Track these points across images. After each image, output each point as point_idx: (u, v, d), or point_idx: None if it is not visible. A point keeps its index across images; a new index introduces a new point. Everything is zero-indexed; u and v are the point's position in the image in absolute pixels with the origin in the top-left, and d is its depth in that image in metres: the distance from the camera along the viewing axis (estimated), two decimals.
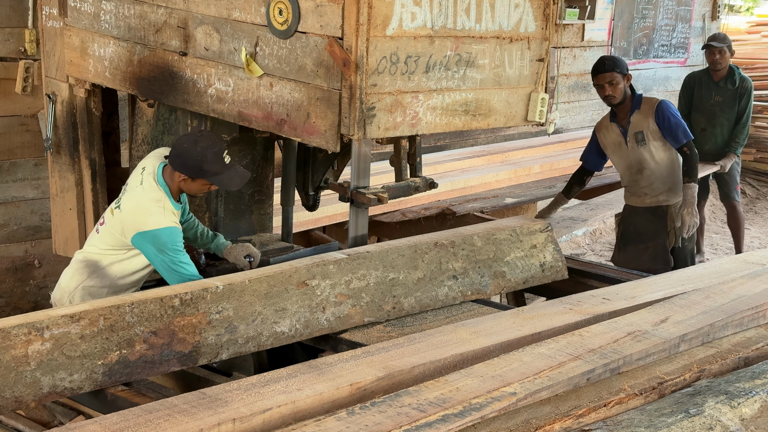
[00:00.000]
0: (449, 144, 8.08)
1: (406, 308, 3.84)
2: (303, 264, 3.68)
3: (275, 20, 3.63)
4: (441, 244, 4.06)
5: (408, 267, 3.92)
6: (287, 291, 3.58)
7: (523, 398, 2.90)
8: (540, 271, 4.35)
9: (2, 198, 5.64)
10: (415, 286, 3.90)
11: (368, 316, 3.74)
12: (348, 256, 3.78)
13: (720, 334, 3.62)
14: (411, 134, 3.73)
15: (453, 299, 4.00)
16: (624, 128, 5.56)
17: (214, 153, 3.79)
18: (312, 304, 3.62)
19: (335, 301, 3.68)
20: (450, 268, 4.04)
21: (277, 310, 3.53)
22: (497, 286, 4.16)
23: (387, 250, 3.90)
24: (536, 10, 3.84)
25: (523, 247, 4.32)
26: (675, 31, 10.14)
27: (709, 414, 2.86)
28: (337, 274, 3.72)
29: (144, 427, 2.64)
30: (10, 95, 5.51)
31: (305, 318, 3.59)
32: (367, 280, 3.78)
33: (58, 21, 4.72)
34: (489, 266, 4.16)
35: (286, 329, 3.54)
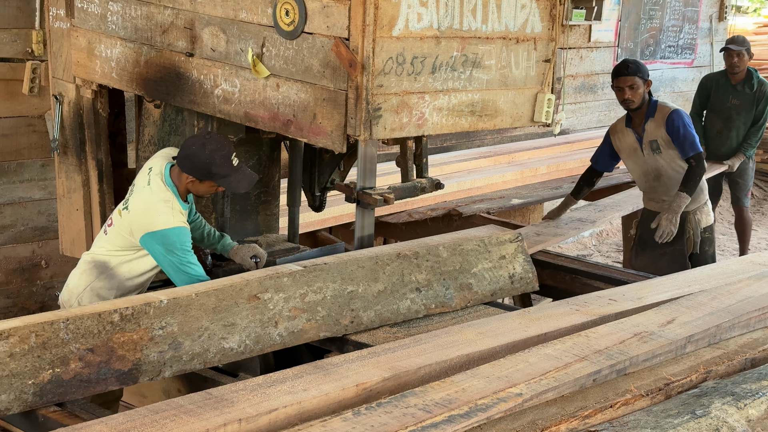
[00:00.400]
0: (455, 145, 8.07)
1: (365, 322, 3.70)
2: (255, 277, 3.56)
3: (282, 21, 3.63)
4: (404, 255, 3.91)
5: (368, 279, 3.76)
6: (237, 305, 3.44)
7: (529, 399, 2.90)
8: (509, 283, 4.18)
9: (9, 198, 5.65)
10: (375, 299, 3.75)
11: (324, 330, 3.61)
12: (304, 268, 3.65)
13: (727, 336, 3.62)
14: (417, 135, 3.73)
15: (416, 312, 3.84)
16: (639, 135, 5.53)
17: (222, 155, 3.80)
18: (264, 318, 3.48)
19: (289, 315, 3.54)
20: (413, 280, 3.88)
21: (226, 326, 3.39)
22: (463, 299, 3.99)
23: (346, 262, 3.76)
24: (543, 11, 3.83)
25: (492, 257, 4.16)
26: (682, 32, 10.12)
27: (716, 415, 2.85)
28: (292, 287, 3.58)
29: (150, 427, 2.64)
30: (17, 96, 5.52)
31: (256, 333, 3.45)
32: (324, 293, 3.64)
33: (65, 22, 4.73)
34: (455, 278, 4.00)
35: (235, 345, 3.40)
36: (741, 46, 7.55)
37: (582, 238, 9.33)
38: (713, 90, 7.76)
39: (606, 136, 5.78)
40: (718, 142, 7.72)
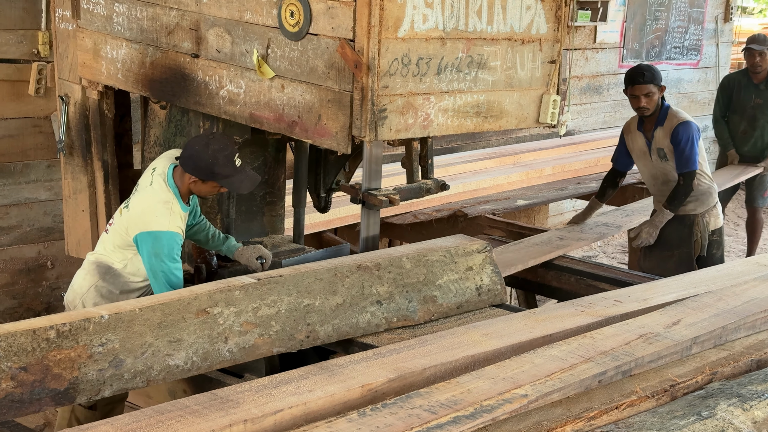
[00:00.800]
0: (461, 146, 8.07)
1: (321, 337, 3.57)
2: (204, 290, 3.41)
3: (287, 22, 3.63)
4: (365, 266, 3.76)
5: (326, 292, 3.62)
6: (184, 320, 3.30)
7: (535, 400, 2.90)
8: (476, 295, 4.00)
9: (15, 199, 5.67)
10: (333, 313, 3.61)
11: (278, 346, 3.48)
12: (257, 281, 3.51)
13: (732, 337, 3.61)
14: (422, 136, 3.73)
15: (376, 326, 3.70)
16: (649, 140, 5.54)
17: (225, 156, 3.80)
18: (213, 334, 3.34)
19: (240, 330, 3.40)
20: (374, 292, 3.73)
21: (171, 342, 3.25)
22: (427, 312, 3.83)
23: (303, 274, 3.62)
24: (548, 12, 3.83)
25: (458, 269, 3.99)
26: (687, 33, 10.11)
27: (722, 417, 2.85)
28: (244, 300, 3.44)
29: (156, 427, 2.65)
30: (23, 97, 5.54)
31: (204, 350, 3.31)
32: (278, 307, 3.50)
33: (71, 23, 4.74)
34: (418, 290, 3.84)
35: (181, 362, 3.26)
36: (762, 45, 7.54)
37: None
38: (735, 90, 7.75)
39: (621, 135, 5.79)
40: (742, 142, 7.73)
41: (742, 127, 7.75)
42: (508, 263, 4.40)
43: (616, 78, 9.40)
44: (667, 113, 5.48)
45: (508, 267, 4.28)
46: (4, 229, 5.67)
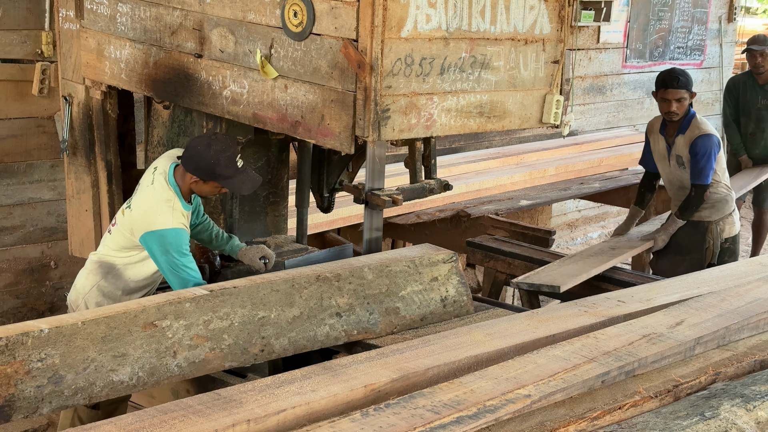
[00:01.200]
0: (464, 146, 8.07)
1: (277, 351, 3.47)
2: (153, 302, 3.30)
3: (290, 22, 3.63)
4: (324, 277, 3.65)
5: (282, 304, 3.51)
6: (131, 333, 3.18)
7: (538, 400, 2.90)
8: (441, 307, 3.88)
9: (19, 199, 5.67)
10: (290, 326, 3.50)
11: (230, 360, 3.37)
12: (210, 293, 3.40)
13: (736, 337, 3.61)
14: (425, 136, 3.73)
15: (335, 339, 3.60)
16: (669, 145, 5.52)
17: (227, 157, 3.80)
18: (160, 348, 3.22)
19: (190, 344, 3.28)
20: (333, 304, 3.62)
21: (116, 356, 3.13)
22: (389, 324, 3.72)
23: (258, 285, 3.51)
24: (551, 12, 3.83)
25: (422, 279, 3.86)
26: (691, 33, 10.10)
27: (725, 417, 2.85)
28: (195, 313, 3.33)
29: (159, 427, 2.65)
30: (27, 97, 5.54)
31: (151, 364, 3.19)
32: (231, 320, 3.39)
33: (74, 23, 4.75)
34: (380, 302, 3.72)
35: (126, 378, 3.14)
36: (763, 45, 7.49)
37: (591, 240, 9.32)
38: (741, 92, 7.71)
39: (645, 137, 5.77)
40: (752, 144, 7.69)
41: (750, 129, 7.69)
42: (571, 274, 4.33)
43: (620, 78, 9.40)
44: (691, 122, 5.42)
45: (571, 278, 4.22)
46: (8, 229, 5.68)
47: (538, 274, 4.03)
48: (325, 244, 5.81)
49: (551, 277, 4.03)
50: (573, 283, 4.09)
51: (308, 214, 4.78)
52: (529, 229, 6.27)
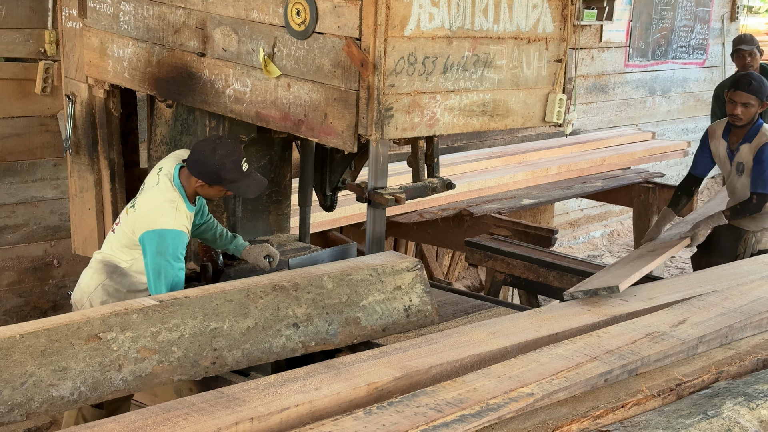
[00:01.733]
0: (466, 145, 8.08)
1: (229, 363, 3.35)
2: (97, 314, 3.17)
3: (293, 21, 3.64)
4: (281, 286, 3.52)
5: (236, 315, 3.38)
6: (73, 346, 3.05)
7: (541, 399, 2.90)
8: (404, 317, 3.75)
9: (22, 198, 5.68)
10: (243, 337, 3.38)
11: (179, 374, 3.23)
12: (159, 303, 3.27)
13: (738, 336, 3.61)
14: (428, 135, 3.73)
15: (292, 351, 3.48)
16: (732, 152, 5.44)
17: (232, 161, 3.80)
18: (104, 361, 3.08)
19: (136, 357, 3.14)
20: (290, 314, 3.49)
21: (57, 371, 2.99)
22: (349, 335, 3.60)
23: (211, 295, 3.38)
24: (554, 11, 3.83)
25: (385, 288, 3.73)
26: (693, 32, 10.10)
27: (728, 416, 2.85)
28: (142, 324, 3.19)
29: (162, 425, 2.65)
30: (30, 96, 5.55)
31: (94, 379, 3.05)
32: (181, 331, 3.25)
33: (77, 22, 4.75)
34: (340, 312, 3.60)
35: (67, 393, 3.00)
36: (751, 44, 7.22)
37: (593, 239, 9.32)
38: None
39: (704, 139, 5.63)
40: None
41: None
42: (624, 275, 4.19)
43: (622, 77, 9.40)
44: (758, 131, 5.33)
45: (625, 278, 4.09)
46: (11, 228, 5.69)
47: (590, 281, 3.89)
48: (328, 242, 5.82)
49: (605, 281, 3.97)
50: (629, 282, 3.97)
51: (311, 213, 4.78)
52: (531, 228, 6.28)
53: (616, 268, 4.54)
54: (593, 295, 3.90)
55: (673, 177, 9.98)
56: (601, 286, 3.96)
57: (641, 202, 7.72)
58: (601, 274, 4.35)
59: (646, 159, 8.59)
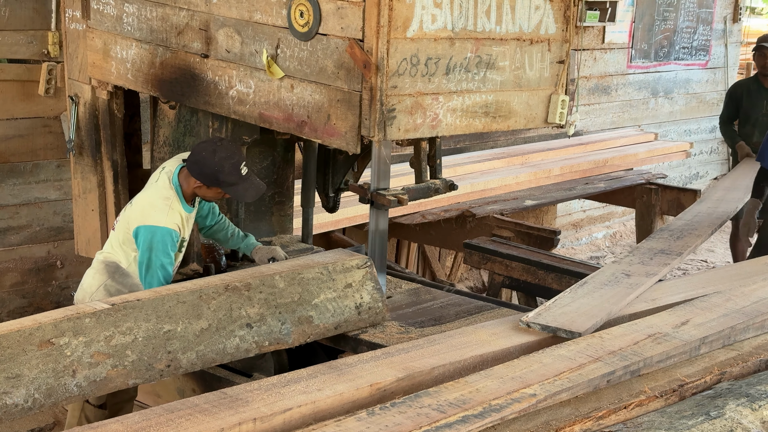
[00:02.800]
0: (469, 146, 8.08)
1: (184, 365, 3.33)
2: (49, 318, 3.15)
3: (296, 22, 3.64)
4: (233, 287, 3.53)
5: (189, 316, 3.37)
6: (25, 353, 3.00)
7: (543, 400, 2.90)
8: (356, 314, 3.78)
9: (25, 199, 5.68)
10: (197, 339, 3.36)
11: (134, 378, 3.21)
12: (111, 307, 3.25)
13: (741, 337, 3.61)
14: (431, 136, 3.73)
15: (246, 351, 3.49)
16: None
17: (231, 164, 3.82)
18: (58, 367, 3.05)
19: (90, 362, 3.11)
20: (243, 315, 3.50)
21: (9, 378, 2.95)
22: (302, 334, 3.63)
23: (163, 297, 3.36)
24: (557, 12, 3.84)
25: (336, 286, 3.76)
26: (696, 33, 10.10)
27: (730, 416, 2.85)
28: (95, 329, 3.16)
29: (165, 426, 2.66)
30: (33, 97, 5.56)
31: (48, 385, 3.02)
32: (135, 335, 3.23)
33: (80, 23, 4.76)
34: (292, 311, 3.61)
35: (21, 400, 2.96)
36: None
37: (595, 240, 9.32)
38: (744, 98, 7.20)
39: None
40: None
41: (754, 138, 7.14)
42: (589, 314, 3.66)
43: (625, 78, 9.40)
44: None
45: (590, 318, 3.58)
46: (14, 229, 5.69)
47: (551, 310, 3.67)
48: (331, 244, 5.82)
49: (568, 318, 3.56)
50: (594, 326, 3.53)
51: (314, 214, 4.78)
52: (534, 229, 6.27)
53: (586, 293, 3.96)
54: (552, 332, 3.50)
55: (675, 178, 9.98)
56: (561, 327, 3.49)
57: (644, 203, 7.72)
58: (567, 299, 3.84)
59: (648, 160, 8.59)
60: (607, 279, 4.11)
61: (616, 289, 3.97)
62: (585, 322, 3.52)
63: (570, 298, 3.81)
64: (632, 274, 4.24)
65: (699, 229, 5.31)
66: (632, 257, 4.59)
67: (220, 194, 3.93)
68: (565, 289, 3.91)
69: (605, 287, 3.96)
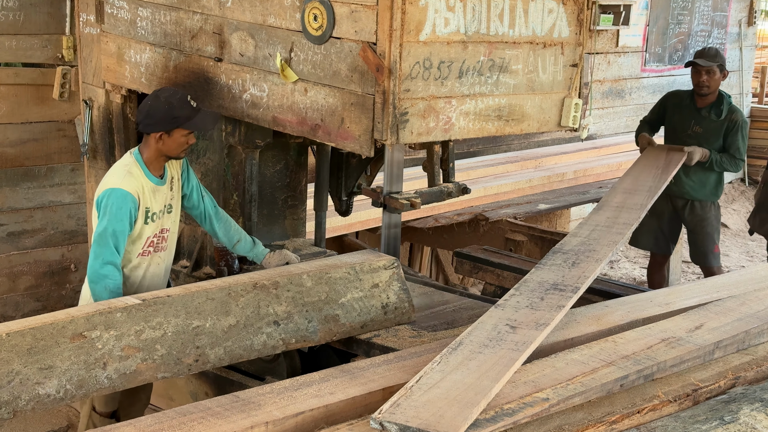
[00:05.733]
0: (482, 149, 8.08)
1: (212, 360, 3.39)
2: (82, 312, 3.21)
3: (310, 26, 3.65)
4: (262, 285, 3.57)
5: (218, 313, 3.43)
6: (58, 345, 3.08)
7: (556, 404, 2.90)
8: (382, 314, 3.81)
9: (39, 203, 5.71)
10: (225, 335, 3.42)
11: (163, 371, 3.28)
12: (142, 302, 3.31)
13: (755, 341, 3.59)
14: (444, 139, 3.73)
15: (273, 348, 3.53)
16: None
17: (178, 98, 3.80)
18: (89, 359, 3.13)
19: (120, 355, 3.19)
20: (271, 312, 3.54)
21: (42, 369, 3.04)
22: (328, 332, 3.65)
23: (193, 294, 3.42)
24: (570, 16, 3.83)
25: (363, 286, 3.79)
26: (711, 36, 10.06)
27: (744, 421, 2.84)
28: (126, 323, 3.24)
29: (178, 429, 2.67)
30: (48, 101, 5.58)
31: (79, 377, 3.10)
32: (164, 330, 3.30)
33: (95, 28, 4.78)
34: (319, 309, 3.66)
35: (53, 391, 3.05)
36: (712, 61, 5.86)
37: None
38: (673, 110, 6.08)
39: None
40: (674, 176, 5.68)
41: None
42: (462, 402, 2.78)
43: (639, 82, 9.37)
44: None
45: (463, 408, 2.73)
46: (29, 232, 5.72)
47: (413, 397, 2.79)
48: (344, 247, 5.82)
49: (434, 411, 2.71)
50: (470, 421, 2.70)
51: (327, 218, 4.79)
52: (547, 233, 6.27)
53: (457, 364, 3.08)
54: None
55: None
56: (424, 429, 2.61)
57: None
58: (436, 374, 2.98)
59: None
60: (488, 336, 3.30)
61: (497, 353, 3.16)
62: (456, 417, 2.69)
63: (439, 374, 2.98)
64: (518, 326, 3.40)
65: (597, 249, 4.32)
66: (520, 297, 3.70)
67: (184, 138, 3.82)
68: (435, 357, 3.13)
69: (484, 350, 3.18)
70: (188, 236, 4.59)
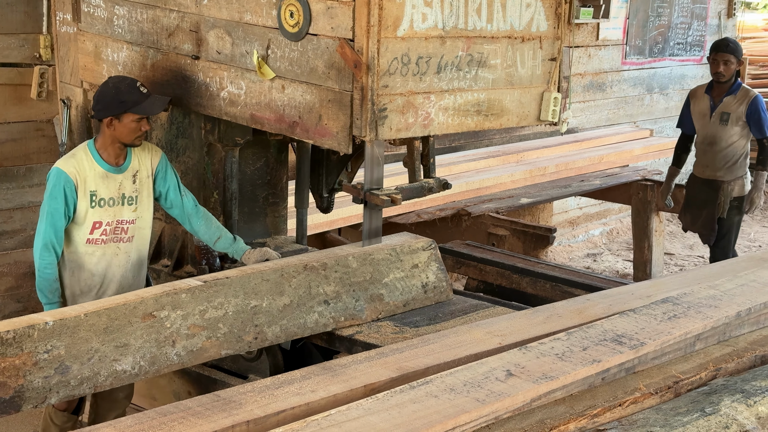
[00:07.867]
0: (464, 145, 8.07)
1: (269, 338, 3.58)
2: (150, 294, 3.41)
3: (286, 23, 3.63)
4: (311, 266, 3.77)
5: (273, 293, 3.63)
6: (131, 324, 3.29)
7: (538, 398, 2.89)
8: (422, 293, 4.04)
9: (18, 203, 5.67)
10: (281, 314, 3.62)
11: (226, 348, 3.49)
12: (204, 283, 3.51)
13: (736, 333, 3.60)
14: (423, 135, 3.72)
15: (324, 326, 3.71)
16: (715, 105, 6.20)
17: (127, 84, 3.83)
18: (160, 338, 3.33)
19: (187, 333, 3.40)
20: (321, 292, 3.74)
21: (118, 347, 3.24)
22: (374, 311, 3.85)
23: (249, 275, 3.62)
24: (548, 10, 3.83)
25: (404, 267, 4.02)
26: (690, 29, 10.09)
27: (725, 413, 2.84)
28: (191, 303, 3.43)
29: (158, 429, 2.65)
30: (26, 101, 5.54)
31: (151, 354, 3.31)
32: (226, 309, 3.51)
33: (71, 26, 4.75)
34: (365, 289, 3.86)
35: (128, 367, 3.26)
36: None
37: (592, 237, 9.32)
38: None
39: (687, 100, 6.45)
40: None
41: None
42: None
43: (619, 75, 9.39)
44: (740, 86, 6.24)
45: None
46: (8, 233, 5.68)
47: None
48: (326, 244, 5.81)
49: None
50: None
51: (308, 215, 4.77)
52: (530, 227, 6.28)
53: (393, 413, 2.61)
54: None
55: None
56: None
57: (640, 200, 7.72)
58: None
59: (644, 156, 8.59)
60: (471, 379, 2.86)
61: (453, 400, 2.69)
62: None
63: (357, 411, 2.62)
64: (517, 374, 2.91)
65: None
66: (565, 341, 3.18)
67: (134, 122, 3.80)
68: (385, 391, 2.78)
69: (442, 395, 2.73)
70: (169, 235, 4.57)
